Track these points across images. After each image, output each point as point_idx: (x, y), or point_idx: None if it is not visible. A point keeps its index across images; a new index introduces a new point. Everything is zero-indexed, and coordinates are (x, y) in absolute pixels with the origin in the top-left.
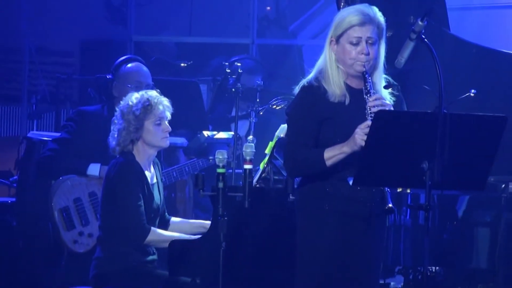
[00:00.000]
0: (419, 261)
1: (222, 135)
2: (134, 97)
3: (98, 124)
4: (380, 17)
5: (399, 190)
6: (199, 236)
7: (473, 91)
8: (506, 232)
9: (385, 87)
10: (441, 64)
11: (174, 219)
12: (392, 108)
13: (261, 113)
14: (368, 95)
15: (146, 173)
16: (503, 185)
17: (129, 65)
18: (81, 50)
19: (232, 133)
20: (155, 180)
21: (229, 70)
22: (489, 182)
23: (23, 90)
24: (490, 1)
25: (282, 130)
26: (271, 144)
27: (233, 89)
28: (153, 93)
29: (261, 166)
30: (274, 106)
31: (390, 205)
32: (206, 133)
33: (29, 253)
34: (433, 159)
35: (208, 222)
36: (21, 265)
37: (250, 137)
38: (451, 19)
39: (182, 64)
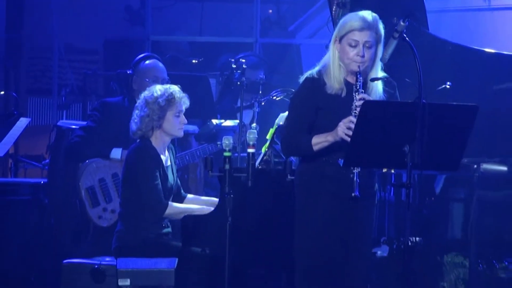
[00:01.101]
0: (402, 233)
1: (228, 123)
2: (158, 89)
3: (119, 114)
4: (380, 25)
5: (384, 170)
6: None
7: (448, 83)
8: (478, 207)
9: (372, 80)
10: (420, 59)
11: (189, 195)
12: None
13: (263, 103)
14: (356, 93)
15: (162, 156)
16: (475, 166)
17: (147, 61)
18: (105, 48)
19: (238, 121)
20: (169, 163)
21: (235, 66)
22: (463, 163)
23: (54, 84)
24: (464, 4)
25: (281, 118)
26: (271, 131)
27: (239, 83)
28: (176, 88)
29: (263, 150)
30: (275, 97)
31: (356, 194)
32: (214, 121)
33: (59, 228)
34: (413, 143)
35: (217, 199)
36: (52, 238)
37: (254, 124)
38: (430, 20)
39: (194, 61)
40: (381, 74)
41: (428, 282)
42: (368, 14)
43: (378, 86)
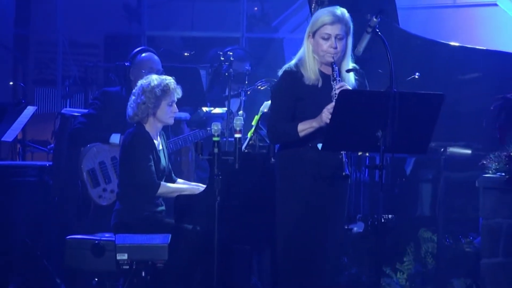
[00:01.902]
0: (375, 210)
1: (217, 110)
2: (155, 78)
3: (118, 102)
4: (348, 17)
5: (359, 154)
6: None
7: (417, 74)
8: (444, 186)
9: (347, 71)
10: (391, 52)
11: (179, 180)
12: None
13: (249, 92)
14: (334, 82)
15: (154, 141)
16: (442, 149)
17: (143, 54)
18: (105, 43)
19: (226, 109)
20: (161, 147)
21: (223, 58)
22: (431, 147)
23: (58, 75)
24: (432, 2)
25: (265, 106)
26: (256, 117)
27: (226, 74)
28: (171, 80)
29: (249, 135)
30: (259, 87)
31: (347, 172)
32: (204, 109)
33: (63, 206)
34: (385, 128)
35: (204, 186)
36: (57, 216)
37: (240, 112)
38: (400, 16)
39: (186, 54)
40: (351, 64)
41: (399, 255)
42: (337, 9)
43: (350, 75)
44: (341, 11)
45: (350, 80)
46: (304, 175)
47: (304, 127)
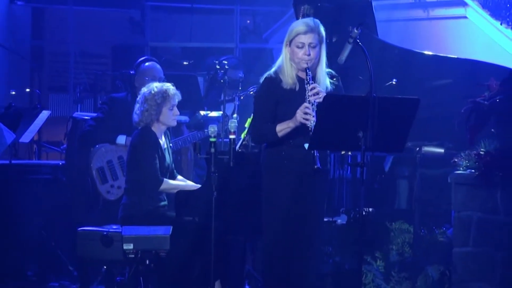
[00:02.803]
0: (357, 204)
1: (214, 114)
2: (155, 86)
3: (124, 107)
4: (321, 27)
5: (342, 153)
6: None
7: (394, 80)
8: (419, 182)
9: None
10: (371, 60)
11: (179, 177)
12: (324, 94)
13: (242, 97)
14: (308, 85)
15: (159, 141)
16: (417, 148)
17: (147, 63)
18: (112, 53)
19: (221, 112)
20: (166, 146)
21: (218, 67)
22: (407, 146)
23: (70, 83)
24: (408, 15)
25: None
26: (249, 120)
27: (222, 80)
28: (170, 86)
29: (242, 136)
30: (252, 93)
31: (318, 166)
32: (202, 112)
33: (75, 201)
34: (366, 130)
35: (199, 186)
36: (69, 210)
37: (234, 115)
38: (379, 28)
39: (185, 63)
40: (326, 69)
41: (379, 245)
42: (310, 20)
43: (325, 78)
44: (314, 21)
45: (324, 82)
46: (286, 171)
47: (282, 128)
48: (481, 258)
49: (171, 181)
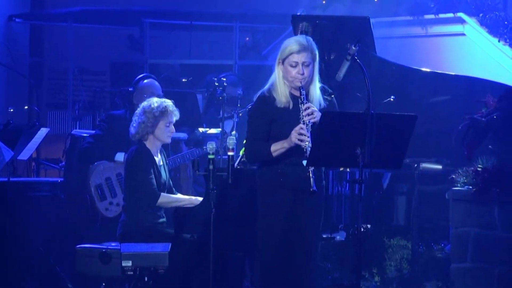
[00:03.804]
0: (356, 220)
1: (212, 131)
2: (155, 101)
3: (122, 124)
4: (313, 45)
5: (341, 169)
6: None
7: (392, 97)
8: (417, 199)
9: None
10: (369, 77)
11: (179, 195)
12: (318, 113)
13: (241, 114)
14: (302, 104)
15: (155, 157)
16: (415, 165)
17: (145, 80)
18: (111, 70)
19: (220, 129)
20: (161, 163)
21: (217, 84)
22: (405, 163)
23: (69, 100)
24: (406, 32)
25: None
26: None
27: (221, 97)
28: (170, 103)
29: (241, 153)
30: None
31: (314, 188)
32: (201, 129)
33: (73, 218)
34: (364, 146)
35: (200, 199)
36: (68, 227)
37: (233, 132)
38: (377, 45)
39: (184, 80)
40: (318, 85)
41: (377, 261)
42: (303, 39)
43: (317, 95)
44: (307, 40)
45: (319, 100)
46: (285, 189)
47: (276, 148)
48: (479, 274)
49: (169, 195)
